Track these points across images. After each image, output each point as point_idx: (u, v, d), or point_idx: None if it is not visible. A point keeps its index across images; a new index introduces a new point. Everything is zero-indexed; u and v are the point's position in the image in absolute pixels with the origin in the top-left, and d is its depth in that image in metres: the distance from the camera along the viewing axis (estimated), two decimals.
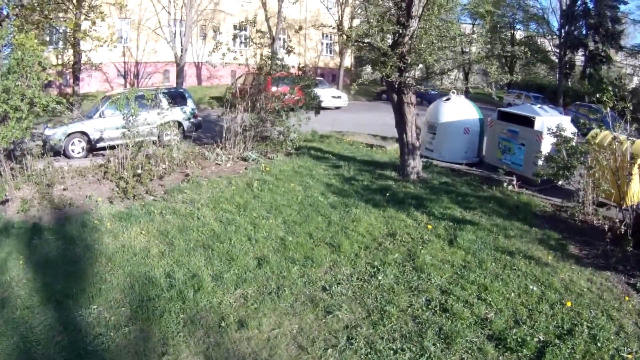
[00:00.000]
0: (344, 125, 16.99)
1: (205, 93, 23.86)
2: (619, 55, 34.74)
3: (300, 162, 10.79)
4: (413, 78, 9.60)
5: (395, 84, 9.53)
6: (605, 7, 31.37)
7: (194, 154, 11.28)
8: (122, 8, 16.81)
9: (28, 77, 9.38)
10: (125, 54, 24.88)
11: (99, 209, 7.95)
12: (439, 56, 8.57)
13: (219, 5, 25.72)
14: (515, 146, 11.45)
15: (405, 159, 10.01)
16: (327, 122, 16.29)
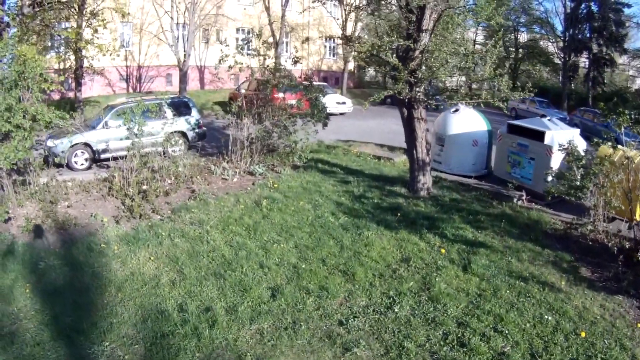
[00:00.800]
0: (350, 133, 16.85)
1: (208, 98, 23.68)
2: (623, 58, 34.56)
3: (308, 176, 10.64)
4: (423, 93, 9.44)
5: (405, 99, 9.40)
6: (609, 10, 31.12)
7: (199, 168, 11.13)
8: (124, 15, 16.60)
9: (30, 89, 9.25)
10: (127, 58, 24.65)
11: (105, 230, 7.81)
12: (451, 73, 8.42)
13: (221, 9, 25.47)
14: (524, 160, 11.32)
15: (415, 175, 9.88)
16: (332, 130, 16.11)
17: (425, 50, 8.82)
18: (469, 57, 8.32)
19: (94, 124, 12.83)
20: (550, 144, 10.76)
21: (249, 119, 11.17)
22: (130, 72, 25.15)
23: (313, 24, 29.87)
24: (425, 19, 8.98)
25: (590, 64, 32.50)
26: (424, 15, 8.92)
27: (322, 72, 31.86)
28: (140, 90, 25.59)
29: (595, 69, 32.01)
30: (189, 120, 13.51)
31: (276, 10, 25.63)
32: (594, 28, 31.38)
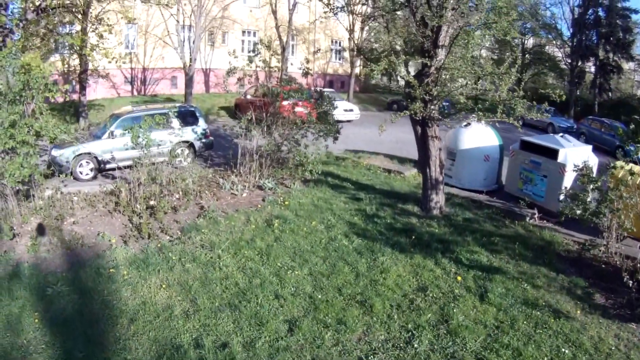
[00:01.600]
0: (357, 142, 16.66)
1: (213, 102, 23.47)
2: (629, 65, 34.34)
3: (319, 192, 10.48)
4: (438, 111, 9.26)
5: (419, 117, 9.23)
6: (616, 16, 30.92)
7: (208, 182, 10.97)
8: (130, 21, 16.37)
9: (34, 99, 9.07)
10: (132, 60, 24.41)
11: (113, 251, 7.64)
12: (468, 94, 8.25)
13: (227, 11, 25.24)
14: (537, 177, 11.15)
15: (428, 193, 9.71)
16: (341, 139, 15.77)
17: (442, 67, 8.64)
18: (487, 78, 8.13)
19: (98, 134, 12.65)
20: (563, 162, 10.63)
21: (258, 131, 10.99)
22: (135, 75, 24.93)
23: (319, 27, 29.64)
24: (441, 34, 8.81)
25: (596, 70, 32.30)
26: (440, 31, 8.75)
27: (328, 76, 31.66)
28: (145, 92, 25.39)
29: (602, 75, 31.82)
30: (195, 130, 13.33)
31: (283, 13, 25.39)
32: (601, 34, 31.19)
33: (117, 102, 22.45)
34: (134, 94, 24.97)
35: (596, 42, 31.61)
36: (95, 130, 13.23)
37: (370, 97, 28.58)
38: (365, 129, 19.44)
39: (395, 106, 25.90)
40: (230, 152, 12.95)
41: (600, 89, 31.92)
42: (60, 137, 9.24)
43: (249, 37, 28.34)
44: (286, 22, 24.88)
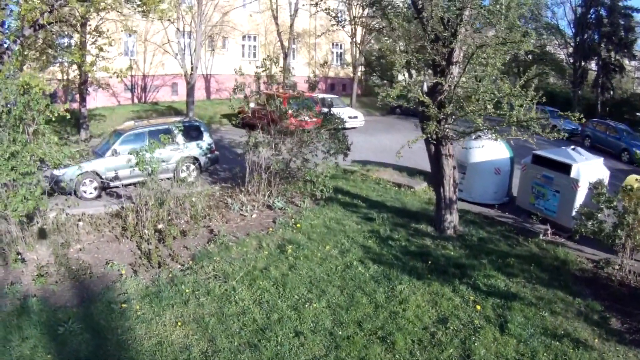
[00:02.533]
0: (364, 151, 16.44)
1: (215, 110, 23.23)
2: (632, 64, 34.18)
3: (330, 212, 10.31)
4: (452, 129, 9.09)
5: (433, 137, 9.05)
6: (619, 15, 30.72)
7: (216, 201, 10.79)
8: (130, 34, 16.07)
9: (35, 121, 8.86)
10: (132, 68, 24.10)
11: (124, 283, 7.44)
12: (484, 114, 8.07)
13: (227, 16, 24.94)
14: (549, 192, 11.01)
15: (442, 213, 9.55)
16: None
17: (456, 86, 8.46)
18: (504, 98, 7.95)
19: (101, 151, 12.41)
20: (576, 178, 10.50)
21: (266, 148, 10.79)
22: (135, 82, 24.66)
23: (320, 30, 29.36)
24: (455, 51, 8.63)
25: (599, 69, 32.13)
26: (454, 48, 8.56)
27: (329, 79, 31.41)
28: (146, 100, 25.14)
29: (604, 74, 31.65)
30: (201, 145, 13.12)
31: (283, 19, 25.14)
32: (603, 33, 30.99)
33: (118, 110, 22.23)
34: (134, 102, 24.72)
35: (598, 42, 31.41)
36: (98, 147, 12.99)
37: (373, 101, 28.27)
38: (370, 136, 19.27)
39: (399, 110, 25.72)
40: (237, 168, 12.76)
41: (603, 88, 31.75)
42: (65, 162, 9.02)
43: (249, 41, 28.08)
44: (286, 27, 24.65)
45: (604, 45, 31.24)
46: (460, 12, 8.08)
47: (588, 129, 23.30)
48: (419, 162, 14.94)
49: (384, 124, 21.44)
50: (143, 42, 23.55)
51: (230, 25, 25.48)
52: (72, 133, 19.04)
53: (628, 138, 21.51)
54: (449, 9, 7.99)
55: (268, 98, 19.85)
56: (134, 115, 21.09)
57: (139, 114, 21.32)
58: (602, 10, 31.10)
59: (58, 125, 19.04)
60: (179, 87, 25.30)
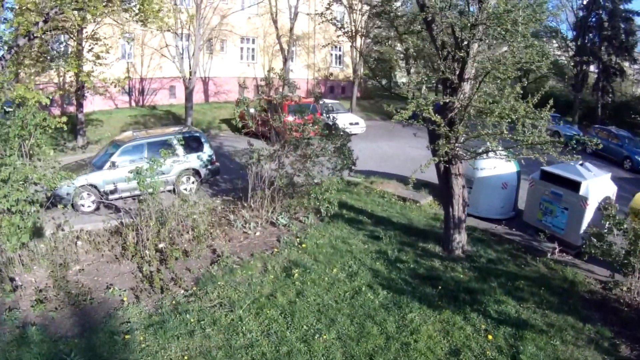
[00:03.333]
0: (367, 160, 16.15)
1: (214, 115, 22.91)
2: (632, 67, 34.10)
3: (335, 229, 10.09)
4: (463, 148, 8.88)
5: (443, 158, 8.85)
6: (619, 19, 30.63)
7: (218, 217, 10.54)
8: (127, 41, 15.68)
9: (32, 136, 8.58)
10: (129, 70, 23.77)
11: (126, 310, 7.20)
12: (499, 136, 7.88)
13: (225, 18, 24.57)
14: (557, 209, 10.85)
15: (450, 233, 9.36)
16: None
17: (468, 104, 8.24)
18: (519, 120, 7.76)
19: (99, 163, 12.10)
20: (585, 195, 10.35)
21: (269, 165, 10.54)
22: (133, 85, 24.29)
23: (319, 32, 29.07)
24: (467, 67, 8.41)
25: (599, 73, 32.04)
26: (466, 63, 8.35)
27: (329, 82, 31.14)
28: (143, 103, 24.80)
29: (605, 78, 31.56)
30: (201, 156, 12.85)
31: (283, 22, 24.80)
32: (603, 37, 30.89)
33: (116, 115, 21.88)
34: (132, 105, 24.38)
35: (599, 45, 31.30)
36: (95, 158, 12.67)
37: (373, 105, 28.10)
38: (372, 142, 19.04)
39: None
40: (239, 181, 12.51)
41: (603, 92, 31.66)
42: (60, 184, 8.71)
43: (248, 44, 27.73)
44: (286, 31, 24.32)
45: (605, 49, 31.15)
46: (473, 27, 7.84)
47: (590, 136, 23.14)
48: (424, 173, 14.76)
49: (385, 129, 21.17)
50: (141, 46, 23.16)
51: (228, 28, 25.12)
52: (68, 139, 18.72)
53: (630, 145, 21.41)
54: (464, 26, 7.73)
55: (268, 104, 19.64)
56: (131, 121, 20.78)
57: (137, 119, 21.02)
58: (603, 13, 30.98)
59: (54, 132, 18.66)
60: (177, 90, 24.97)
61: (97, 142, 18.75)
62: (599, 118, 30.47)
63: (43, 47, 13.55)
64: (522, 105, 7.66)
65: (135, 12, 12.13)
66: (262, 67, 28.11)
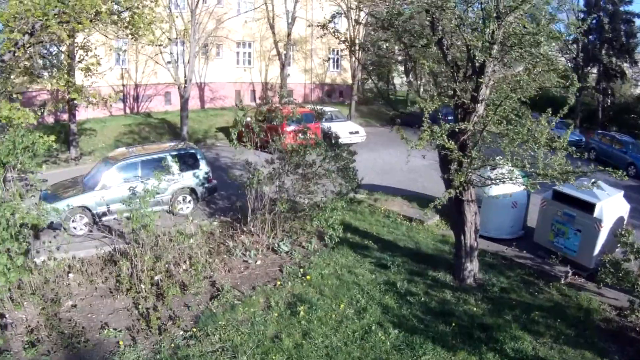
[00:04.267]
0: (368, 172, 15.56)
1: (210, 123, 22.34)
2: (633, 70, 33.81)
3: (340, 257, 9.62)
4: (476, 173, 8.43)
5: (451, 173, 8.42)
6: (620, 21, 30.30)
7: (215, 243, 10.06)
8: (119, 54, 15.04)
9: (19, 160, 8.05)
10: (123, 77, 23.17)
11: (122, 355, 6.72)
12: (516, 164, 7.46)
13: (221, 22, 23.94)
14: (570, 231, 10.46)
15: (462, 262, 8.93)
16: None
17: (483, 129, 7.81)
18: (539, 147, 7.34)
19: (91, 183, 11.54)
20: (600, 217, 9.99)
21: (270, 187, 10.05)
22: (127, 92, 23.70)
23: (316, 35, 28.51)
24: (482, 88, 7.96)
25: (599, 75, 31.72)
26: (480, 85, 7.90)
27: (326, 86, 30.62)
28: (138, 110, 24.21)
29: (606, 80, 31.25)
30: (197, 174, 12.33)
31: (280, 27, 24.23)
32: (604, 39, 30.55)
33: (110, 123, 21.27)
34: (126, 112, 23.80)
35: (599, 47, 30.97)
36: (88, 176, 12.13)
37: (372, 110, 27.61)
38: (373, 152, 18.56)
39: (399, 120, 25.00)
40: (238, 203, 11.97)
41: (604, 94, 31.35)
42: (45, 224, 8.18)
43: (244, 48, 27.16)
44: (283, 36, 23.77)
45: (605, 51, 30.83)
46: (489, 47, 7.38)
47: (593, 141, 22.82)
48: (426, 186, 14.34)
49: (385, 137, 20.66)
50: (135, 53, 22.52)
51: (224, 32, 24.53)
52: (61, 150, 18.14)
53: (634, 151, 21.06)
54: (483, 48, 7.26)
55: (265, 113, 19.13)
56: (125, 130, 20.21)
57: (131, 128, 20.45)
58: (604, 15, 30.62)
59: None
60: (172, 96, 24.39)
61: (91, 154, 18.21)
62: (600, 121, 30.17)
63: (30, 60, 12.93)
64: (543, 133, 7.22)
65: (125, 24, 11.56)
66: (258, 72, 27.61)
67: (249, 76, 27.05)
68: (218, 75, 25.97)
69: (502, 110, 7.79)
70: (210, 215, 12.38)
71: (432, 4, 7.26)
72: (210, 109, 25.63)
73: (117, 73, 21.99)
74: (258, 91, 27.98)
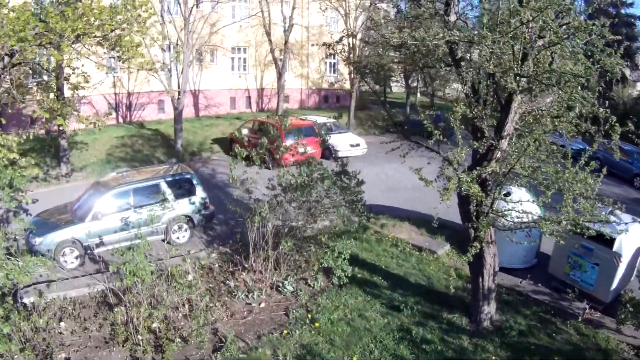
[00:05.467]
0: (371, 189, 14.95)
1: (205, 134, 21.58)
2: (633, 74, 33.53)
3: (349, 297, 9.06)
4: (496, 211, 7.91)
5: (472, 216, 7.90)
6: (621, 24, 29.92)
7: (215, 281, 9.49)
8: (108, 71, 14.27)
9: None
10: (115, 85, 22.37)
11: None
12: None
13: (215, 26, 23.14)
14: (587, 264, 10.01)
15: (479, 305, 8.42)
16: None
17: (510, 170, 7.29)
18: (570, 188, 6.84)
19: (81, 213, 10.85)
20: (619, 252, 9.56)
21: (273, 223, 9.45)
22: (120, 100, 22.91)
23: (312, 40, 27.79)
24: (507, 122, 7.43)
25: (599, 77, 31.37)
26: (507, 118, 7.36)
27: (323, 91, 29.93)
28: (131, 119, 23.43)
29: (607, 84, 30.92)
30: (193, 200, 11.69)
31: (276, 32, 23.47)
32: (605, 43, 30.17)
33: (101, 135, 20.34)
34: (119, 121, 23.02)
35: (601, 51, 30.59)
36: (78, 203, 11.43)
37: (370, 116, 26.99)
38: (375, 166, 17.95)
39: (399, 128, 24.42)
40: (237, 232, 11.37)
41: (604, 98, 31.00)
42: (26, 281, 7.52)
43: (239, 54, 26.40)
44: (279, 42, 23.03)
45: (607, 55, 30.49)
46: (518, 80, 6.82)
47: (598, 151, 22.31)
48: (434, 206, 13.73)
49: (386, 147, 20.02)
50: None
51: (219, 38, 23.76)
52: (52, 165, 17.39)
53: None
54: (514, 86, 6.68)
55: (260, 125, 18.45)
56: (118, 143, 19.44)
57: (124, 141, 19.68)
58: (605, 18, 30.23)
59: (37, 157, 17.36)
60: (166, 105, 23.60)
61: (82, 170, 17.48)
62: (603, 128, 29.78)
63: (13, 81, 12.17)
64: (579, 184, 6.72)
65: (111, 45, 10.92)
66: (254, 78, 26.88)
67: (245, 82, 26.33)
68: (212, 82, 25.23)
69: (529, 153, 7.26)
70: (208, 243, 11.79)
71: (465, 38, 6.63)
72: (205, 117, 24.90)
73: (109, 81, 21.20)
74: (254, 97, 27.26)
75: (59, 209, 11.64)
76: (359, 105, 27.09)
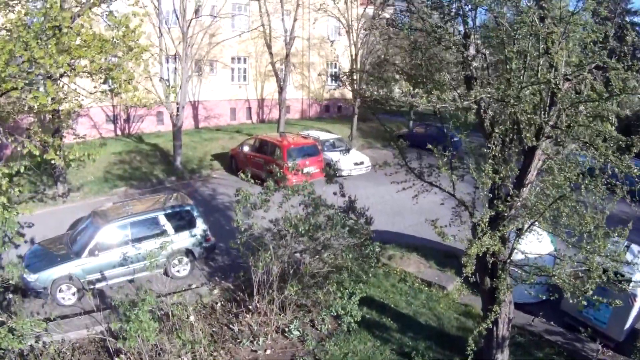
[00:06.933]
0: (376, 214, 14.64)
1: (205, 149, 21.19)
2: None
3: (358, 342, 8.70)
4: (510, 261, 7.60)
5: (489, 264, 7.59)
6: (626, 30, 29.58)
7: (218, 324, 9.14)
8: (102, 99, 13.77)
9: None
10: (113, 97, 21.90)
11: None
12: None
13: (215, 37, 22.75)
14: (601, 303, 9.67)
15: (492, 353, 8.11)
16: None
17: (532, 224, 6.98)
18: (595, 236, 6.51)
19: (77, 248, 10.50)
20: (635, 292, 9.24)
21: (277, 266, 9.09)
22: (118, 113, 22.50)
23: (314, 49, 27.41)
24: (530, 171, 7.08)
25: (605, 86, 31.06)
26: (530, 165, 7.01)
27: (324, 101, 29.55)
28: (130, 131, 23.05)
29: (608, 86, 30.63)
30: (193, 233, 11.35)
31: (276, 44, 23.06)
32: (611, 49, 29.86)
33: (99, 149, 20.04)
34: (117, 134, 22.67)
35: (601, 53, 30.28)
36: (73, 235, 11.10)
37: (372, 128, 26.59)
38: (379, 185, 17.56)
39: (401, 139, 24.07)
40: (241, 271, 10.98)
41: None
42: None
43: (239, 64, 25.99)
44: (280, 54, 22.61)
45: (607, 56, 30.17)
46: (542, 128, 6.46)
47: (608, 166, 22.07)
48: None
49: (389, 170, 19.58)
50: None
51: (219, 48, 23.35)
52: (48, 184, 17.04)
53: None
54: None
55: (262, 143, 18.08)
56: (115, 159, 19.05)
57: (122, 157, 19.30)
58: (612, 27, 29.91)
59: (33, 175, 16.95)
60: (165, 116, 23.24)
61: (79, 189, 17.12)
62: None
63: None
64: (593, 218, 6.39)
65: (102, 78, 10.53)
66: (254, 88, 26.48)
67: (245, 93, 25.95)
68: (212, 93, 24.84)
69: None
70: (209, 275, 11.45)
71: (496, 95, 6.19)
72: (205, 129, 24.51)
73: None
74: (254, 108, 26.88)
75: (59, 238, 11.35)
76: (362, 116, 26.69)
